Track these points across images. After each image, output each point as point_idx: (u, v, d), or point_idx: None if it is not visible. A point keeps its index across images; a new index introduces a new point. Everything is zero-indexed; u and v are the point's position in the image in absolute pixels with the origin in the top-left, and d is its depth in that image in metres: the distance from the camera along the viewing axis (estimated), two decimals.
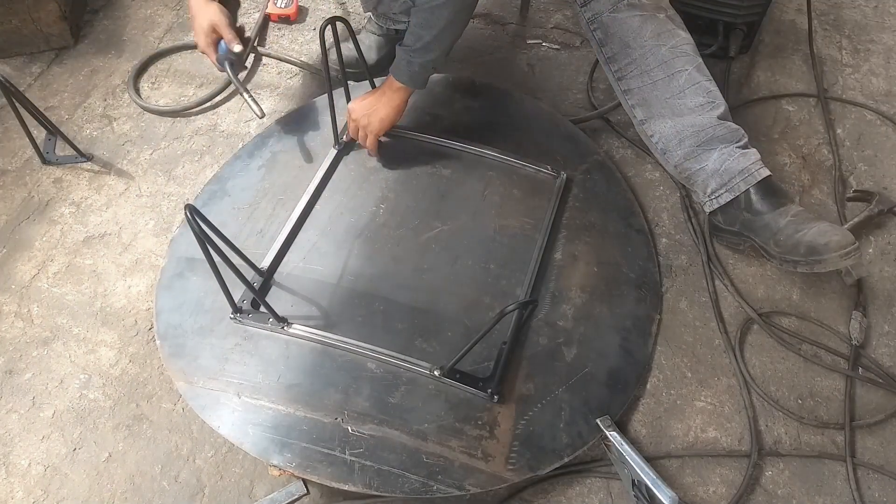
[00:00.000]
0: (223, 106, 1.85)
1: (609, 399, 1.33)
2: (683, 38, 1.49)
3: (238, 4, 1.68)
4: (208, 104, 1.84)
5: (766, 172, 1.44)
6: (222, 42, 1.55)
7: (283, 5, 2.04)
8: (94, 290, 1.51)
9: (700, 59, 1.49)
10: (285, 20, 2.05)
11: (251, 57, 1.82)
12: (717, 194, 1.48)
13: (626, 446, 1.24)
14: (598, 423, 1.28)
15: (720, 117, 1.47)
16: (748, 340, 1.46)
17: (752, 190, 1.44)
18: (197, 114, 1.82)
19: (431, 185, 1.60)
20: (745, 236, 1.48)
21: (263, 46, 1.98)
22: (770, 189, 1.44)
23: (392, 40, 1.82)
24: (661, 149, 1.52)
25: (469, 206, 1.56)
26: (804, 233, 1.36)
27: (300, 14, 2.08)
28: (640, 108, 1.53)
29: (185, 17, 2.07)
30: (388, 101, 1.51)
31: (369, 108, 1.53)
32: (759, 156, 1.46)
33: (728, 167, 1.44)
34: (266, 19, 2.03)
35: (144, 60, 1.92)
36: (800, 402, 1.39)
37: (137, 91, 1.86)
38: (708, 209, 1.53)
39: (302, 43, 2.01)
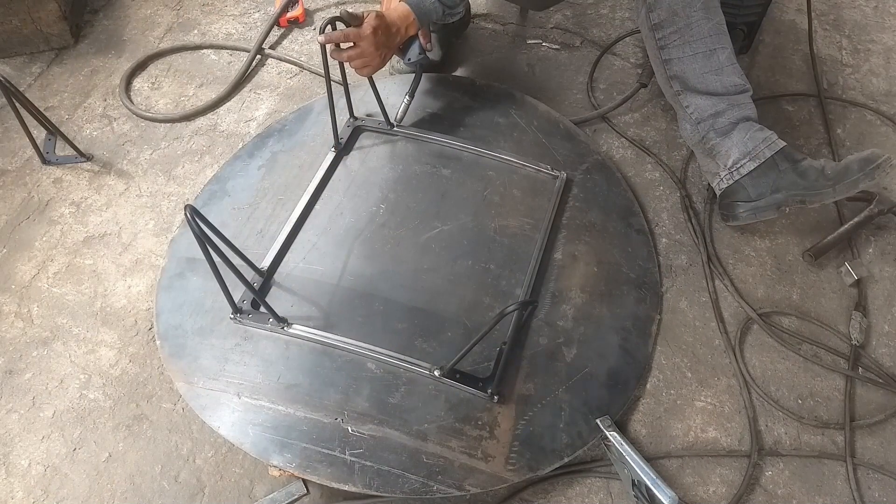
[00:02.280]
0: (223, 106, 1.85)
1: (609, 399, 1.33)
2: (722, 17, 1.52)
3: None
4: (204, 107, 1.84)
5: (783, 143, 1.50)
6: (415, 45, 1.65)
7: (290, 9, 2.04)
8: (94, 290, 1.51)
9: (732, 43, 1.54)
10: (294, 23, 2.06)
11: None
12: (739, 164, 1.51)
13: (625, 446, 1.24)
14: (598, 423, 1.28)
15: (752, 97, 1.53)
16: (748, 340, 1.47)
17: (775, 156, 1.49)
18: (189, 119, 1.82)
19: (431, 185, 1.60)
20: (781, 197, 1.49)
21: (274, 49, 1.99)
22: (791, 153, 1.50)
23: (449, 32, 1.89)
24: (695, 118, 1.55)
25: (469, 206, 1.56)
26: (846, 158, 1.47)
27: (307, 16, 2.08)
28: (677, 80, 1.55)
29: (185, 16, 2.07)
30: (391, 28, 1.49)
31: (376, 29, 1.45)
32: (773, 132, 1.52)
33: (752, 136, 1.50)
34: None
35: (134, 67, 1.91)
36: (800, 402, 1.39)
37: (129, 97, 1.86)
38: (728, 182, 1.54)
39: (302, 43, 2.01)
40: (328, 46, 1.43)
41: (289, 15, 2.04)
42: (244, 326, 1.36)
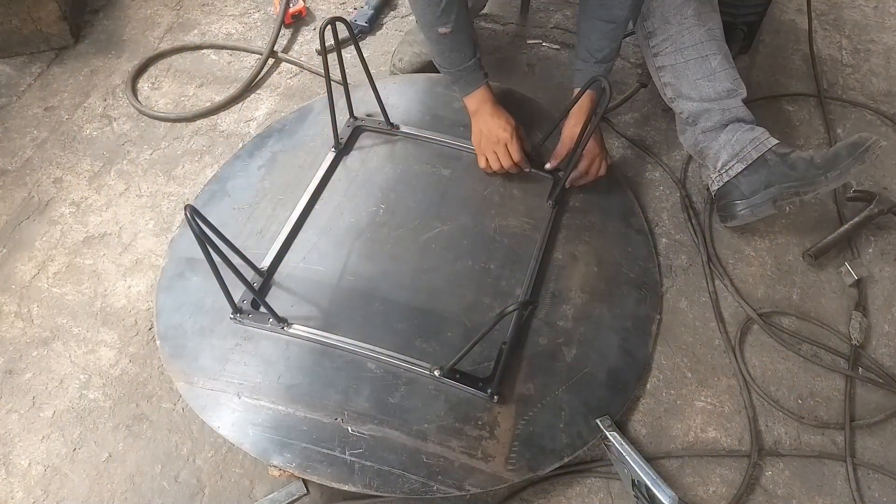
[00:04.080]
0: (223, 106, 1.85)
1: (609, 399, 1.33)
2: (718, 21, 1.52)
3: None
4: (208, 108, 1.84)
5: (775, 141, 1.50)
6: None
7: (291, 4, 2.04)
8: (94, 290, 1.51)
9: (727, 47, 1.54)
10: (297, 17, 2.06)
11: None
12: (728, 166, 1.51)
13: (626, 446, 1.24)
14: (598, 423, 1.28)
15: (743, 101, 1.54)
16: (748, 340, 1.46)
17: (765, 154, 1.49)
18: (195, 119, 1.82)
19: (431, 185, 1.60)
20: (775, 191, 1.49)
21: (274, 49, 1.99)
22: (779, 148, 1.50)
23: None
24: (691, 121, 1.56)
25: (469, 206, 1.56)
26: (834, 146, 1.48)
27: (308, 12, 2.08)
28: (670, 87, 1.56)
29: (185, 16, 2.07)
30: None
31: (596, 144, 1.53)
32: (765, 131, 1.51)
33: (739, 138, 1.51)
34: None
35: (141, 64, 1.92)
36: (800, 401, 1.39)
37: (135, 94, 1.86)
38: (718, 184, 1.54)
39: (302, 43, 2.01)
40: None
41: (291, 10, 2.03)
42: (244, 326, 1.36)
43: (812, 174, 1.46)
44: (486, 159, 1.57)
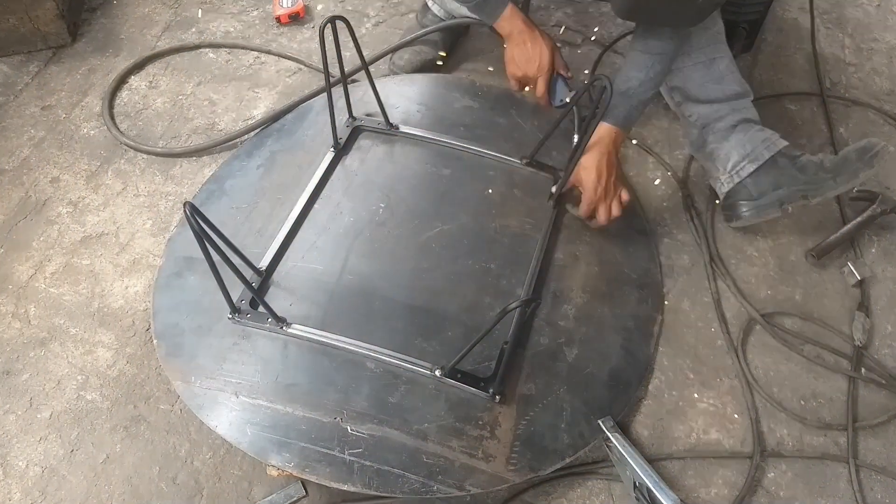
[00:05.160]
0: (221, 105, 1.84)
1: (611, 400, 1.32)
2: (721, 25, 1.52)
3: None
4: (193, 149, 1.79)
5: (785, 142, 1.50)
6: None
7: (289, 4, 2.03)
8: (91, 290, 1.50)
9: (730, 50, 1.53)
10: (295, 18, 2.05)
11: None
12: (738, 166, 1.50)
13: (627, 448, 1.23)
14: (600, 423, 1.27)
15: (752, 102, 1.54)
16: (751, 341, 1.46)
17: (776, 156, 1.49)
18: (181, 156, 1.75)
19: (431, 185, 1.59)
20: (783, 193, 1.48)
21: (273, 47, 1.97)
22: (790, 150, 1.50)
23: (453, 32, 1.91)
24: (701, 124, 1.55)
25: (469, 206, 1.55)
26: (842, 151, 1.49)
27: (307, 12, 2.07)
28: (678, 91, 1.56)
29: (183, 14, 2.06)
30: (614, 157, 1.45)
31: (604, 179, 1.43)
32: (775, 132, 1.51)
33: (750, 137, 1.50)
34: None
35: (114, 86, 1.85)
36: (802, 403, 1.38)
37: (113, 119, 1.79)
38: (729, 185, 1.53)
39: (301, 41, 2.00)
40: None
41: (289, 11, 2.02)
42: (242, 326, 1.34)
43: (821, 178, 1.45)
44: (515, 81, 1.66)
